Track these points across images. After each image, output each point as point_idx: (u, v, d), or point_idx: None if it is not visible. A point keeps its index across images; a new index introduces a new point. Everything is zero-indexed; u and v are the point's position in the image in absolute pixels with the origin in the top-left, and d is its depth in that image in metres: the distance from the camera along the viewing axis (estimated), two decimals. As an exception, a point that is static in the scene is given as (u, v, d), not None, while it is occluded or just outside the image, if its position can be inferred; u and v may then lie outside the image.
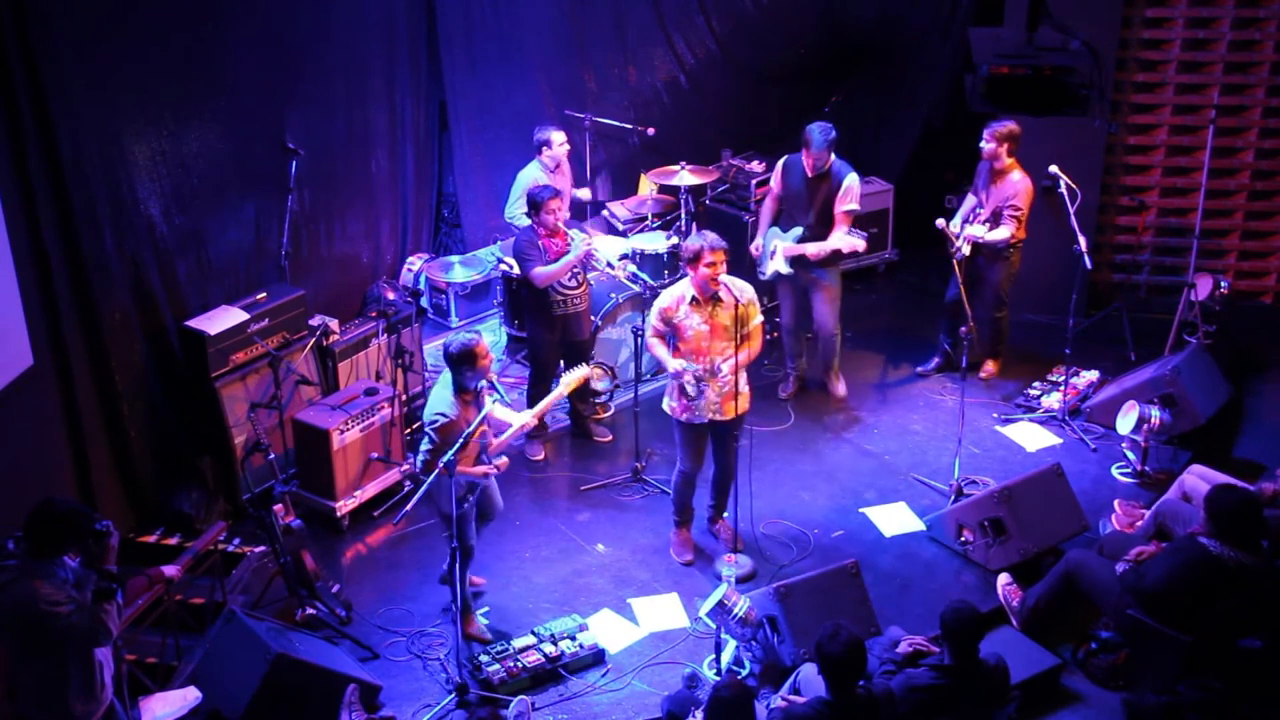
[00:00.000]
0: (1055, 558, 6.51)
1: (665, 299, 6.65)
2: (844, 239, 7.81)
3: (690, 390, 6.57)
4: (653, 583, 6.83)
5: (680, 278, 6.90)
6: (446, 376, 6.07)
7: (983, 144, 8.02)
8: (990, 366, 8.61)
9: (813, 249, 7.84)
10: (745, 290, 6.62)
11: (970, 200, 8.32)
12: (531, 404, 7.83)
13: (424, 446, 6.05)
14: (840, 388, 8.33)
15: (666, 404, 6.78)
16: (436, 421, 5.96)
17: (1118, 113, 9.11)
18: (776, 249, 8.02)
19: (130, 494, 6.90)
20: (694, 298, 6.55)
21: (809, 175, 7.85)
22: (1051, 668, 6.09)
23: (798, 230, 7.94)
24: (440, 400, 6.02)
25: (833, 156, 7.83)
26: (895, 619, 6.31)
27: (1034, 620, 6.31)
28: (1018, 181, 8.00)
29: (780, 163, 8.08)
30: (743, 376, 6.64)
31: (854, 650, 5.06)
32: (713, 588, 6.17)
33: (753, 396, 6.88)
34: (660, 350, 6.68)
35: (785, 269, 8.02)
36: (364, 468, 7.29)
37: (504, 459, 6.18)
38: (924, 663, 5.46)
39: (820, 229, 7.86)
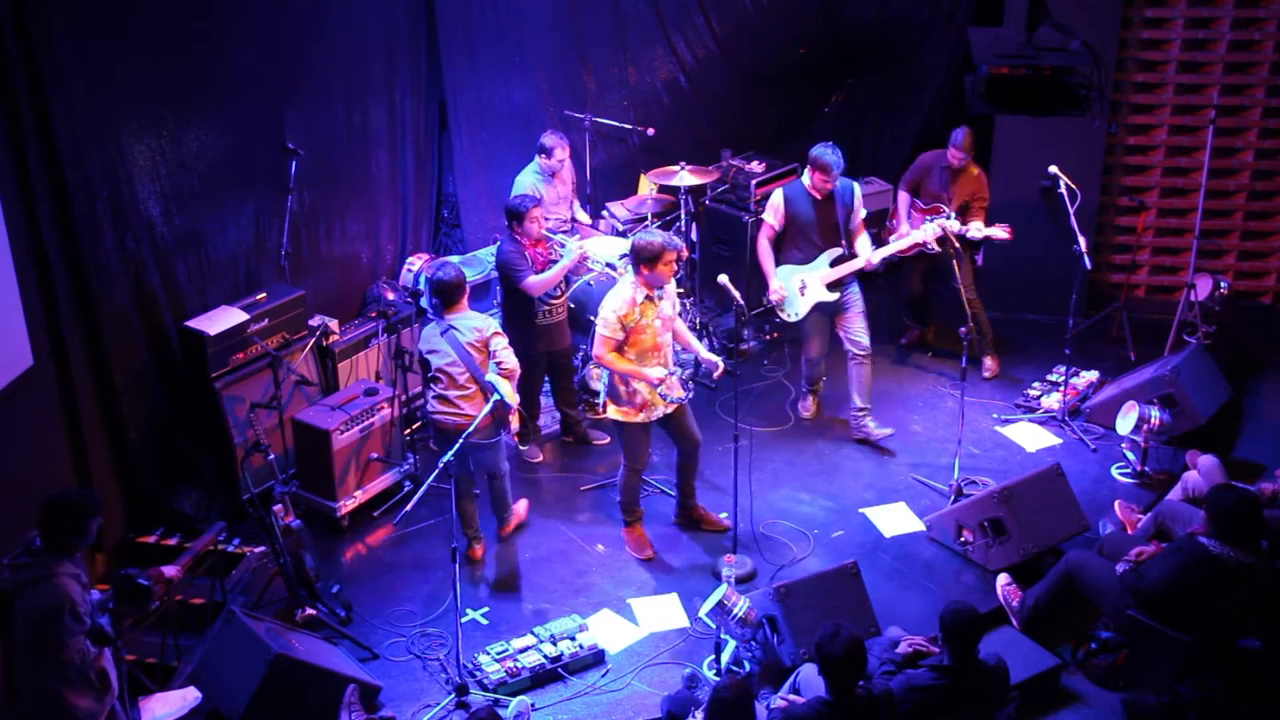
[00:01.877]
0: (1055, 558, 6.51)
1: (619, 306, 6.55)
2: (930, 230, 7.83)
3: (668, 391, 6.63)
4: (653, 583, 6.83)
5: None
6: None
7: (958, 157, 8.15)
8: (991, 364, 8.61)
9: (886, 253, 7.79)
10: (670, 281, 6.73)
11: (906, 199, 8.49)
12: (523, 414, 7.87)
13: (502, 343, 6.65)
14: (882, 428, 7.95)
15: (615, 411, 6.73)
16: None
17: (1118, 113, 9.12)
18: (807, 283, 7.76)
19: (130, 494, 6.90)
20: (646, 296, 6.57)
21: (819, 198, 7.68)
22: (1051, 668, 6.09)
23: (831, 253, 7.72)
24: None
25: None
26: (895, 619, 6.31)
27: (1034, 620, 6.31)
28: (978, 175, 8.28)
29: (778, 198, 7.80)
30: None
31: (854, 650, 5.06)
32: (713, 588, 6.17)
33: (743, 396, 6.93)
34: (624, 364, 6.58)
35: (829, 296, 7.75)
36: (364, 468, 7.29)
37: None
38: (924, 663, 5.46)
39: (849, 246, 7.76)
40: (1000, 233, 7.99)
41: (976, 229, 8.04)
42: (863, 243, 7.77)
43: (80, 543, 4.96)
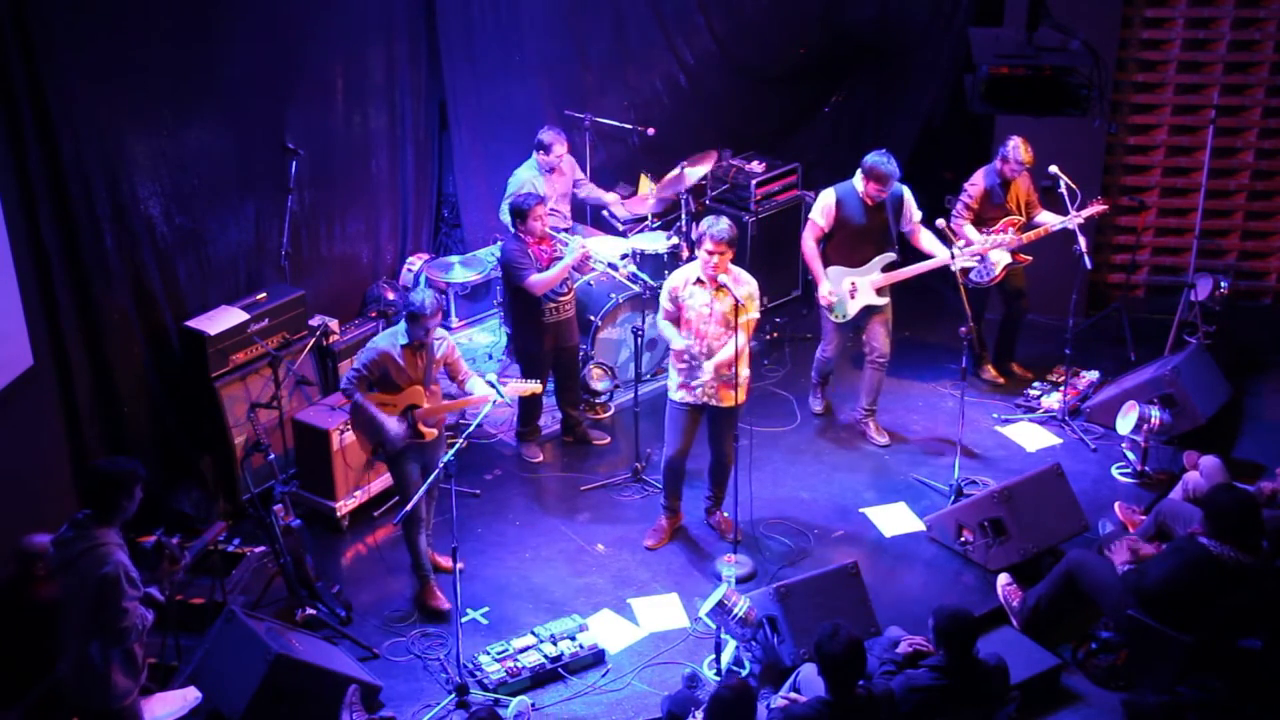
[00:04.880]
0: (1055, 558, 6.52)
1: (675, 277, 6.76)
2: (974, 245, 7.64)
3: (682, 369, 6.69)
4: (653, 583, 6.83)
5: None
6: (401, 325, 6.40)
7: (1017, 169, 7.93)
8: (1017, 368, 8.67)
9: (973, 250, 7.67)
10: (746, 284, 6.63)
11: (971, 231, 8.02)
12: (524, 413, 7.85)
13: (349, 371, 6.39)
14: (881, 435, 7.98)
15: (669, 382, 6.83)
16: (367, 349, 6.41)
17: (1118, 113, 9.12)
18: (858, 286, 7.66)
19: (130, 494, 6.90)
20: (699, 278, 6.61)
21: (869, 205, 7.57)
22: (1051, 668, 6.10)
23: (885, 257, 7.63)
24: (384, 337, 6.43)
25: None
26: (895, 619, 6.30)
27: (1034, 620, 6.31)
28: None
29: (830, 198, 7.65)
30: (744, 369, 6.65)
31: (854, 650, 5.06)
32: (713, 588, 6.17)
33: (751, 392, 6.89)
34: (669, 330, 6.74)
35: (877, 300, 7.67)
36: (364, 468, 7.28)
37: (433, 430, 6.44)
38: (924, 663, 5.46)
39: (900, 249, 7.71)
40: (1097, 207, 7.95)
41: (1057, 219, 7.93)
42: (928, 240, 7.66)
43: (128, 507, 5.02)
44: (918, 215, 7.73)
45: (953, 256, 7.53)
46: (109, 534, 4.96)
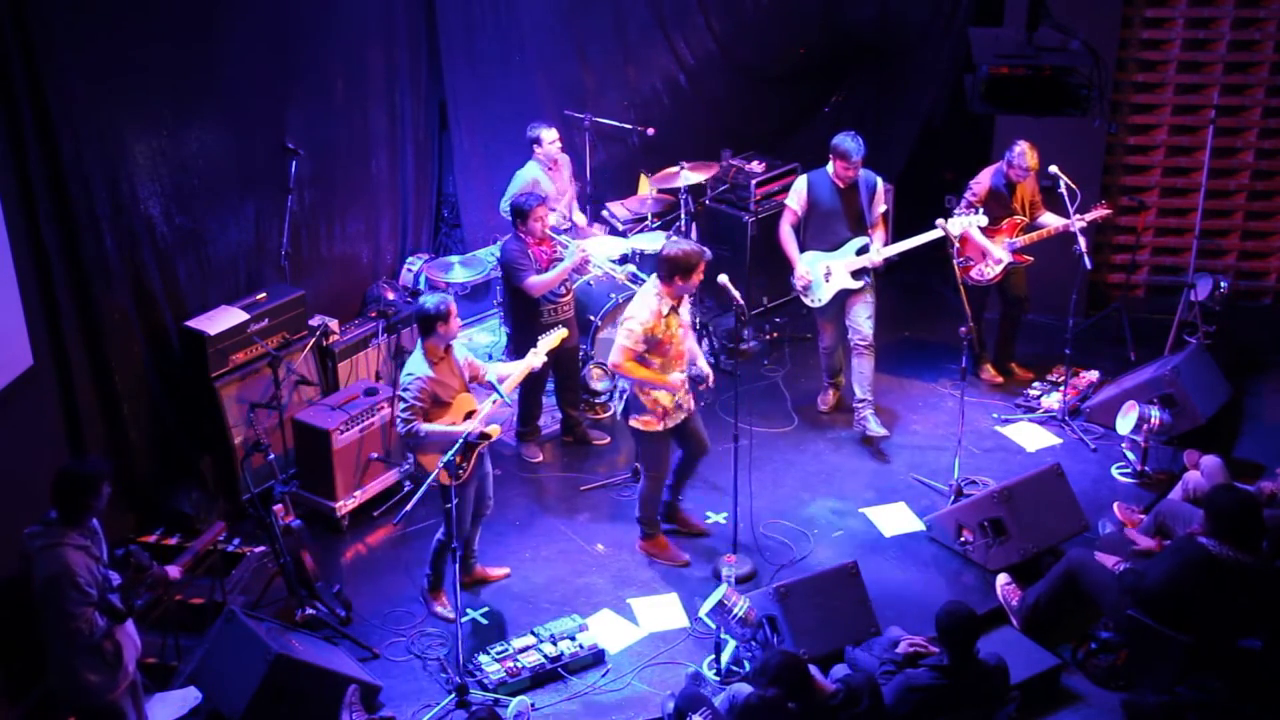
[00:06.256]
0: (1055, 558, 6.52)
1: (646, 319, 6.41)
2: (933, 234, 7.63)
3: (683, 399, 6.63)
4: (653, 583, 6.83)
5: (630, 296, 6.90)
6: (420, 345, 6.26)
7: (1023, 172, 7.93)
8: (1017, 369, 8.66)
9: (892, 252, 7.66)
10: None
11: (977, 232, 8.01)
12: (524, 413, 7.85)
13: (400, 409, 6.18)
14: (880, 426, 7.90)
15: (636, 421, 6.65)
16: (410, 382, 6.15)
17: (1118, 113, 9.11)
18: (832, 269, 7.73)
19: (130, 494, 6.90)
20: (672, 307, 6.49)
21: (842, 187, 7.68)
22: (1051, 668, 6.10)
23: (858, 241, 7.68)
24: (414, 363, 6.23)
25: None
26: (895, 619, 6.31)
27: (1034, 618, 6.31)
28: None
29: (802, 184, 7.80)
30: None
31: (793, 666, 5.08)
32: (713, 588, 6.17)
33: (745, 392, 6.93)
34: (644, 372, 6.48)
35: (853, 284, 7.72)
36: (364, 468, 7.29)
37: (496, 426, 6.28)
38: (923, 663, 5.47)
39: (872, 236, 7.75)
40: (1101, 211, 7.96)
41: (1061, 221, 7.94)
42: (876, 239, 7.72)
43: (94, 506, 5.06)
44: (881, 208, 7.79)
45: (874, 261, 7.61)
46: (71, 535, 4.98)
